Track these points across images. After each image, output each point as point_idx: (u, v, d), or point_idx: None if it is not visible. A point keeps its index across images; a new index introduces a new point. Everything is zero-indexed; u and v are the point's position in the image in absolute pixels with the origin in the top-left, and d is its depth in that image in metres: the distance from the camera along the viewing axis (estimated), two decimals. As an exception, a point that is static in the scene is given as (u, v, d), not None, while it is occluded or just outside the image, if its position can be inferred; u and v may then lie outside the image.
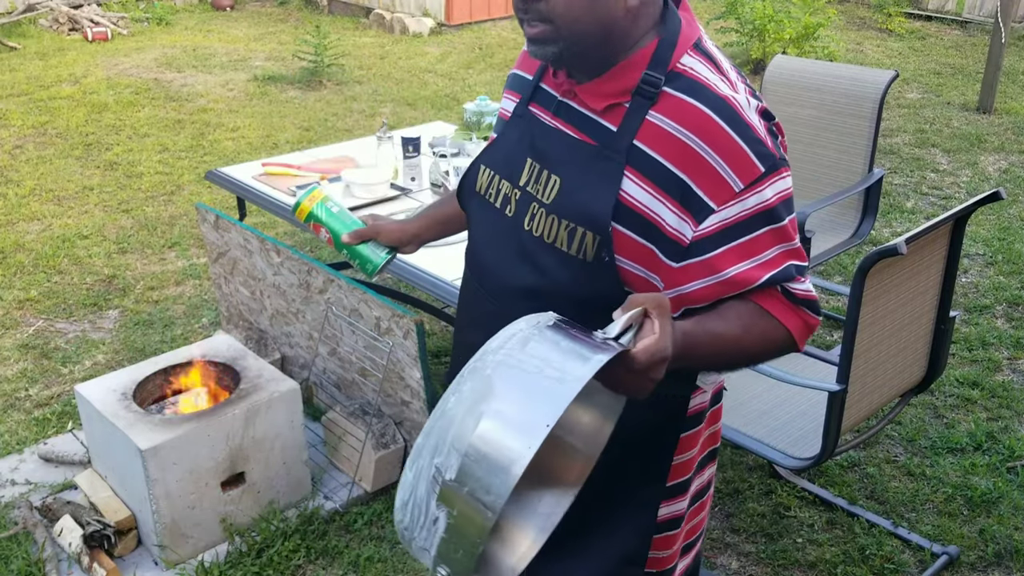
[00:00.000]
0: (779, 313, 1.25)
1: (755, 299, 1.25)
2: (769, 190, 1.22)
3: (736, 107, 1.22)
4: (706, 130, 1.20)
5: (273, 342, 3.20)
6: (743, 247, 1.22)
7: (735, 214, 1.21)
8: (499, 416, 0.95)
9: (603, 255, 1.25)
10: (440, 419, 1.00)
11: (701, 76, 1.24)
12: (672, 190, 1.22)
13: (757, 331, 1.25)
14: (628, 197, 1.24)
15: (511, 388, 0.97)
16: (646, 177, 1.23)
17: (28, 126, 6.03)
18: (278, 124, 6.22)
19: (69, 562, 2.46)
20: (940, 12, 9.68)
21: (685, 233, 1.23)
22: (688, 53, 1.26)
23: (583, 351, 0.99)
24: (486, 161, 1.42)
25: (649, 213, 1.23)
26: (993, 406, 3.26)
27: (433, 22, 9.12)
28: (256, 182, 3.29)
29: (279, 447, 2.59)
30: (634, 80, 1.25)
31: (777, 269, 1.23)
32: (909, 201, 5.07)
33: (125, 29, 8.71)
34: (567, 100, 1.32)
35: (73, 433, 3.00)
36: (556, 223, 1.28)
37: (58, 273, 4.15)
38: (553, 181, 1.30)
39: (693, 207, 1.21)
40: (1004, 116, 6.58)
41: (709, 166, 1.20)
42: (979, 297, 4.01)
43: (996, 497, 2.79)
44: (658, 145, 1.22)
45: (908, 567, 2.54)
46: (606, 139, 1.26)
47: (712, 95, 1.22)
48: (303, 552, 2.52)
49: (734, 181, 1.20)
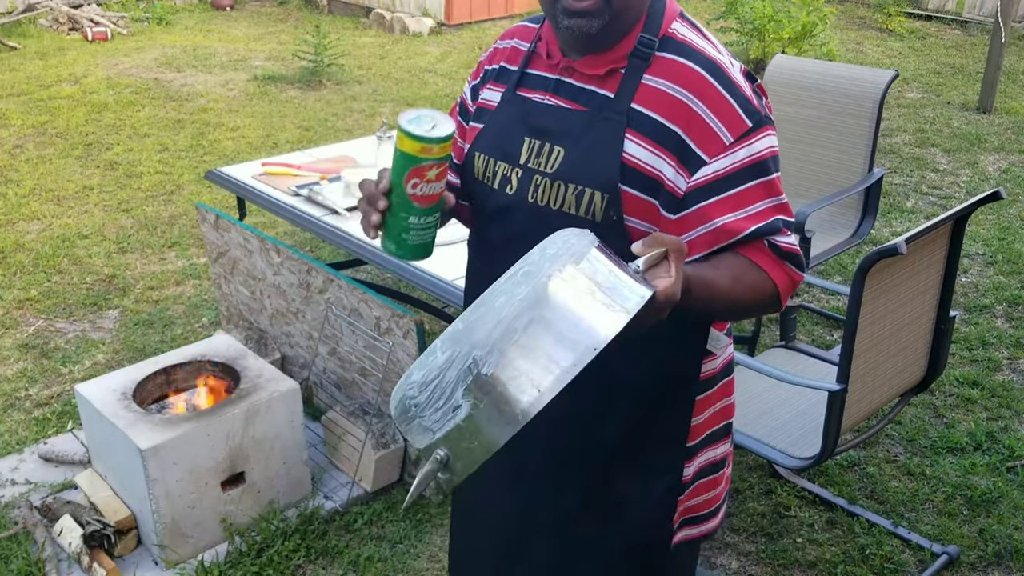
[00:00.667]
0: (766, 266, 1.31)
1: (744, 252, 1.30)
2: (757, 144, 1.29)
3: (724, 67, 1.30)
4: (698, 87, 1.28)
5: (273, 342, 3.20)
6: (733, 198, 1.28)
7: (726, 166, 1.28)
8: (550, 327, 0.95)
9: (611, 214, 1.30)
10: (487, 313, 1.01)
11: (690, 39, 1.33)
12: (669, 144, 1.28)
13: (747, 281, 1.29)
14: (630, 157, 1.29)
15: (564, 302, 0.97)
16: (645, 136, 1.29)
17: (28, 126, 6.03)
18: (278, 124, 6.22)
19: (69, 562, 2.46)
20: (940, 12, 9.67)
21: (680, 185, 1.29)
22: (676, 20, 1.35)
23: (627, 283, 1.01)
24: (479, 148, 1.45)
25: (651, 170, 1.29)
26: (993, 406, 3.26)
27: (433, 22, 9.12)
28: (256, 182, 3.29)
29: (279, 447, 2.59)
30: (630, 44, 1.32)
31: (765, 222, 1.29)
32: (909, 201, 5.07)
33: (125, 29, 8.71)
34: (564, 78, 1.38)
35: (73, 433, 3.00)
36: (563, 188, 1.33)
37: (58, 273, 4.15)
38: (556, 152, 1.35)
39: (688, 160, 1.28)
40: (1004, 116, 6.58)
41: (701, 120, 1.27)
42: (979, 297, 4.01)
43: (996, 497, 2.79)
44: (654, 104, 1.29)
45: (908, 567, 2.54)
46: (604, 105, 1.32)
47: (701, 56, 1.31)
48: (303, 552, 2.52)
49: (724, 134, 1.27)
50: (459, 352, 0.99)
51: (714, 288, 1.24)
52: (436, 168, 1.25)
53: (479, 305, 1.05)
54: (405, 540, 2.60)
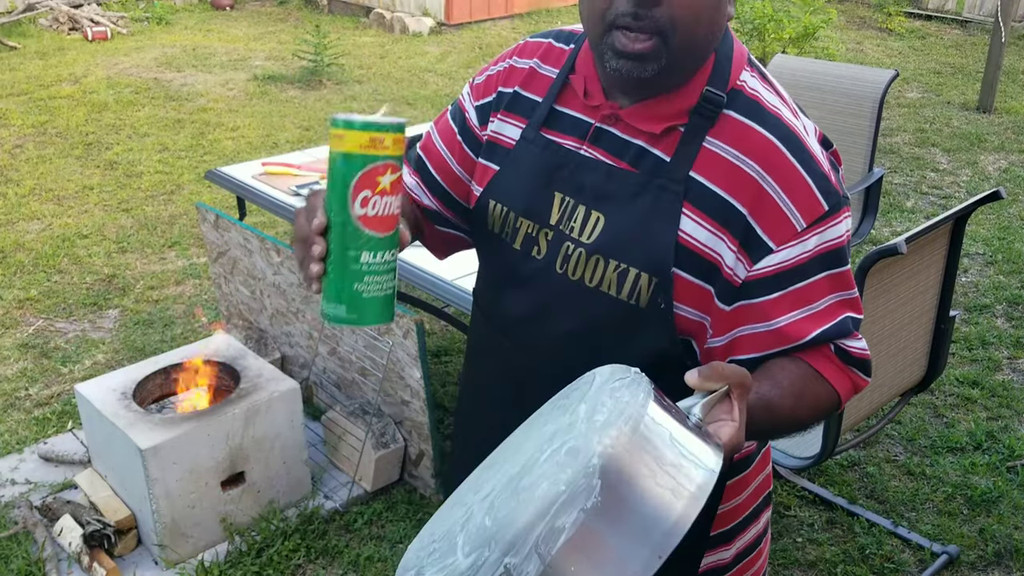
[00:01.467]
0: (832, 376, 1.13)
1: (808, 359, 1.12)
2: (831, 231, 1.09)
3: (800, 136, 1.10)
4: (770, 160, 1.08)
5: (273, 341, 3.20)
6: (798, 293, 1.10)
7: (794, 257, 1.08)
8: (601, 526, 0.76)
9: (659, 300, 1.11)
10: (520, 505, 0.78)
11: (762, 97, 1.12)
12: (732, 225, 1.09)
13: (810, 397, 1.11)
14: (687, 237, 1.09)
15: (620, 491, 0.77)
16: (705, 212, 1.09)
17: (28, 125, 6.02)
18: (278, 123, 6.22)
19: (69, 562, 2.46)
20: (940, 11, 9.67)
21: (739, 273, 1.10)
22: (745, 68, 1.14)
23: (691, 453, 0.81)
24: (496, 196, 1.23)
25: (709, 252, 1.10)
26: (993, 405, 3.26)
27: (433, 22, 9.12)
28: (256, 182, 3.29)
29: (279, 447, 2.59)
30: (693, 98, 1.11)
31: (832, 322, 1.11)
32: (909, 200, 5.07)
33: (125, 29, 8.71)
34: (606, 126, 1.15)
35: (73, 433, 3.00)
36: (602, 264, 1.13)
37: (58, 272, 4.15)
38: (594, 218, 1.14)
39: (751, 245, 1.09)
40: (1004, 115, 6.58)
41: (772, 201, 1.08)
42: (979, 296, 4.01)
43: (996, 496, 2.79)
44: (717, 176, 1.09)
45: (908, 566, 2.54)
46: (657, 169, 1.11)
47: (775, 120, 1.10)
48: (303, 552, 2.52)
49: (797, 220, 1.08)
50: (488, 558, 0.77)
51: (775, 412, 1.06)
52: (391, 172, 0.96)
53: (509, 490, 0.83)
54: (405, 540, 2.60)
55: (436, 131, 1.34)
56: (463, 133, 1.29)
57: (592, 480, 0.76)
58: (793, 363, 1.11)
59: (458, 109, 1.31)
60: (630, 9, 1.03)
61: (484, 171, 1.26)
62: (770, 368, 1.10)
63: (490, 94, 1.27)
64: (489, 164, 1.26)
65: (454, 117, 1.31)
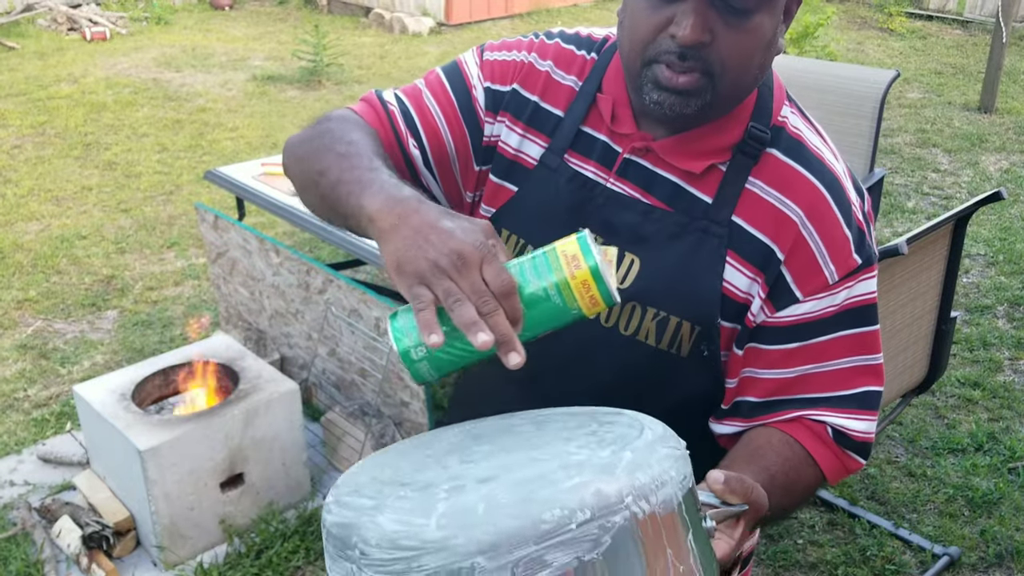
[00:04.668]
0: (822, 459, 1.04)
1: (798, 434, 1.04)
2: (861, 286, 1.03)
3: (842, 183, 1.03)
4: (814, 207, 1.01)
5: (272, 342, 3.20)
6: (816, 349, 1.03)
7: (820, 309, 1.02)
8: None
9: (702, 349, 1.05)
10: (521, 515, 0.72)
11: (804, 136, 1.05)
12: (768, 272, 1.02)
13: (800, 487, 1.03)
14: (729, 285, 1.02)
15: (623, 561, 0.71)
16: (745, 259, 1.02)
17: (27, 126, 6.02)
18: (277, 124, 6.21)
19: (68, 563, 2.45)
20: (941, 12, 9.67)
21: (758, 318, 1.04)
22: (785, 103, 1.07)
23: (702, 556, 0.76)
24: (510, 225, 1.10)
25: (744, 297, 1.03)
26: (994, 407, 3.25)
27: (433, 22, 9.11)
28: (255, 182, 3.28)
29: (278, 448, 2.58)
30: (735, 134, 1.03)
31: (850, 391, 1.03)
32: (910, 201, 5.07)
33: (124, 29, 8.70)
34: (636, 158, 1.06)
35: (72, 434, 2.99)
36: (639, 312, 1.04)
37: (57, 273, 4.14)
38: (628, 260, 1.04)
39: (778, 293, 1.02)
40: (1005, 116, 6.58)
41: (808, 250, 1.01)
42: (980, 297, 4.01)
43: (997, 498, 2.78)
44: (759, 219, 1.02)
45: (909, 568, 2.53)
46: (696, 210, 1.03)
47: (819, 164, 1.03)
48: (302, 553, 2.51)
49: (831, 272, 1.01)
50: (460, 546, 0.69)
51: (767, 515, 0.94)
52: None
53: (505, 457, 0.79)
54: (405, 541, 2.59)
55: (430, 94, 1.13)
56: (465, 111, 1.12)
57: (604, 536, 0.70)
58: (784, 443, 1.03)
59: (460, 80, 1.13)
60: (676, 48, 0.94)
61: (497, 190, 1.12)
62: (764, 452, 1.02)
63: (505, 84, 1.12)
64: (504, 183, 1.12)
65: (454, 87, 1.13)
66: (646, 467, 0.74)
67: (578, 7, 10.17)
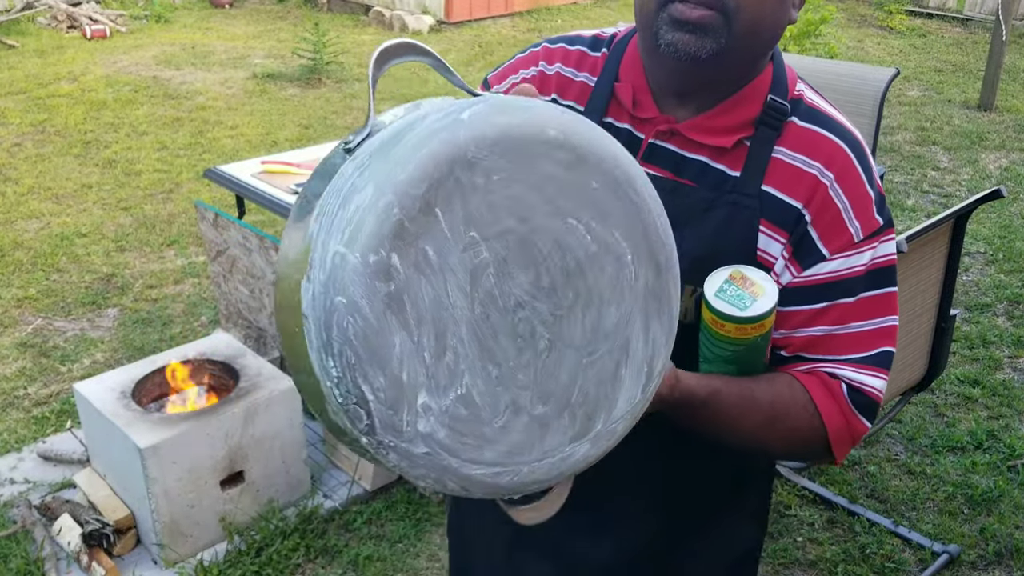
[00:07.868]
0: (830, 417, 1.05)
1: (809, 387, 1.05)
2: (884, 247, 1.06)
3: (863, 145, 1.06)
4: (838, 164, 1.04)
5: (272, 340, 3.20)
6: (842, 310, 1.05)
7: (847, 268, 1.04)
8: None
9: None
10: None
11: (820, 104, 1.09)
12: (794, 231, 1.04)
13: (785, 427, 1.05)
14: (763, 253, 1.05)
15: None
16: (777, 225, 1.04)
17: (27, 124, 6.02)
18: (277, 122, 6.21)
19: (68, 561, 2.45)
20: (941, 9, 9.67)
21: (783, 276, 1.05)
22: (799, 81, 1.11)
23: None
24: None
25: (772, 260, 1.06)
26: (994, 404, 3.25)
27: (432, 19, 9.11)
28: (255, 180, 3.28)
29: (278, 446, 2.58)
30: (756, 108, 1.06)
31: (870, 352, 1.05)
32: (910, 199, 5.07)
33: (124, 27, 8.69)
34: (661, 142, 1.08)
35: (72, 432, 2.99)
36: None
37: (57, 271, 4.14)
38: None
39: (803, 251, 1.04)
40: (1005, 114, 6.58)
41: (835, 207, 1.03)
42: (980, 295, 4.01)
43: (997, 496, 2.78)
44: (786, 183, 1.04)
45: (908, 566, 2.53)
46: (724, 184, 1.06)
47: (840, 128, 1.06)
48: (302, 551, 2.52)
49: (856, 230, 1.04)
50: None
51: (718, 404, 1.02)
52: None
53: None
54: (405, 539, 2.59)
55: None
56: None
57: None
58: (787, 386, 1.05)
59: None
60: None
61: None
62: (756, 379, 1.04)
63: None
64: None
65: None
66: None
67: (578, 5, 10.16)
